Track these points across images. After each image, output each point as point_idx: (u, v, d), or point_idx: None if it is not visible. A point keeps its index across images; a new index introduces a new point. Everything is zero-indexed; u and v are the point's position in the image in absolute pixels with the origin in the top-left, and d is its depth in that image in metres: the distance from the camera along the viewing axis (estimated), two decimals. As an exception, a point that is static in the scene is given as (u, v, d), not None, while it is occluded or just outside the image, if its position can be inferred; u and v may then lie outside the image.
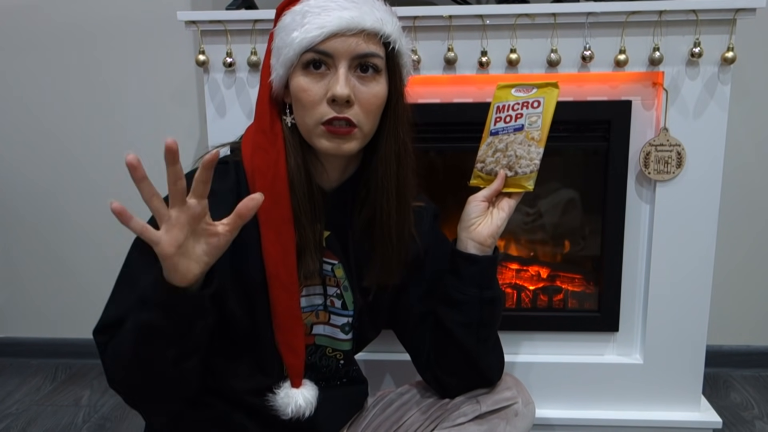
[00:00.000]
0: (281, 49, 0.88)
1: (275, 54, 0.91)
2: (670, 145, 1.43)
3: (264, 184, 0.88)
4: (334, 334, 1.02)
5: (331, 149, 0.89)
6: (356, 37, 0.86)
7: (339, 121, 0.87)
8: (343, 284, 1.00)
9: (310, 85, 0.87)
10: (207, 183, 0.72)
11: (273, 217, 0.89)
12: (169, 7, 1.83)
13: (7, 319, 2.16)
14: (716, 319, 1.80)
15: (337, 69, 0.86)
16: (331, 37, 0.85)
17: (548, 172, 1.65)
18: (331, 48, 0.85)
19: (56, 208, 2.05)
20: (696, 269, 1.50)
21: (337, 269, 0.99)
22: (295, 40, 0.86)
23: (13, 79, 1.97)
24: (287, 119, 0.92)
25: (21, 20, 1.92)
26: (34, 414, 1.81)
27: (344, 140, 0.89)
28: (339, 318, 1.01)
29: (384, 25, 0.88)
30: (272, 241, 0.89)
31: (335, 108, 0.87)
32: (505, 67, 1.41)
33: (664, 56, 1.38)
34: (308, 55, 0.86)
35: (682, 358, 1.54)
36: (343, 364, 1.05)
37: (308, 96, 0.87)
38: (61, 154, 2.01)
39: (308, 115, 0.88)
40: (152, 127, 1.96)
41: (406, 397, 1.11)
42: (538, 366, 1.57)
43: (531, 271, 1.70)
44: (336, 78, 0.86)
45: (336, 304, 1.00)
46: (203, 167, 0.71)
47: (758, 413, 1.76)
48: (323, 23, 0.84)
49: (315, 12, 0.86)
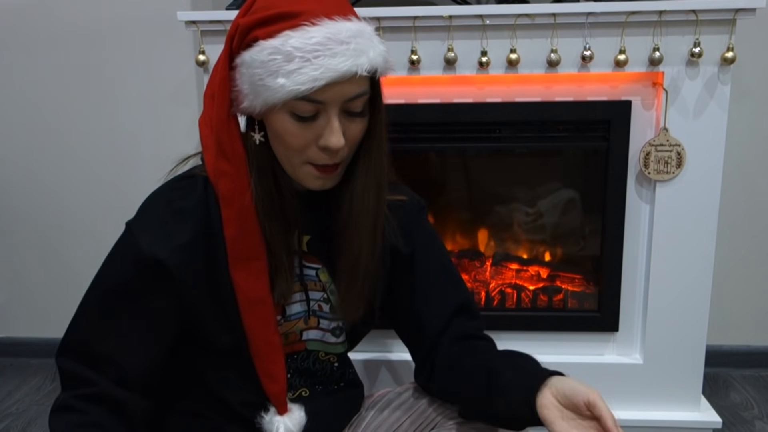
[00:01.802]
0: (259, 87, 0.79)
1: (248, 84, 0.81)
2: (670, 145, 1.43)
3: (230, 214, 0.84)
4: (325, 338, 1.00)
5: (318, 186, 0.87)
6: (348, 82, 0.79)
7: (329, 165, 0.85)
8: (329, 288, 0.96)
9: (298, 130, 0.81)
10: None
11: (242, 249, 0.85)
12: (169, 7, 1.83)
13: (7, 319, 2.16)
14: (716, 319, 1.80)
15: (329, 116, 0.80)
16: (323, 87, 0.78)
17: (548, 172, 1.65)
18: (324, 97, 0.79)
19: (56, 208, 2.05)
20: (696, 269, 1.50)
21: (322, 273, 0.96)
22: (282, 88, 0.77)
23: (14, 78, 1.97)
24: (256, 136, 0.85)
25: (21, 20, 1.92)
26: (34, 414, 1.81)
27: (332, 178, 0.87)
28: (328, 322, 0.99)
29: (374, 63, 0.80)
30: (240, 271, 0.86)
31: (326, 154, 0.83)
32: (505, 67, 1.41)
33: (664, 56, 1.38)
34: (298, 104, 0.79)
35: (682, 358, 1.54)
36: (338, 367, 1.04)
37: (296, 140, 0.82)
38: (61, 154, 2.01)
39: (294, 156, 0.84)
40: (152, 127, 1.96)
41: (405, 396, 1.11)
42: (538, 366, 1.58)
43: (531, 271, 1.70)
44: (330, 128, 0.81)
45: (324, 308, 0.98)
46: None
47: (758, 413, 1.76)
48: (315, 76, 0.76)
49: (303, 57, 0.76)
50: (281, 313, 0.95)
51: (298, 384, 1.00)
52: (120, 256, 0.88)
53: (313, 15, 0.78)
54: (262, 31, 0.79)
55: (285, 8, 0.79)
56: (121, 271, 0.87)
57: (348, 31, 0.79)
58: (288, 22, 0.78)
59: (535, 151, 1.59)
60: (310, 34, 0.77)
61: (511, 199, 1.67)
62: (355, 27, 0.80)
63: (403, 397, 1.10)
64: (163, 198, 0.88)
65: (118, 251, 0.89)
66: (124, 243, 0.88)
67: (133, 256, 0.85)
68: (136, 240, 0.85)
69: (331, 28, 0.78)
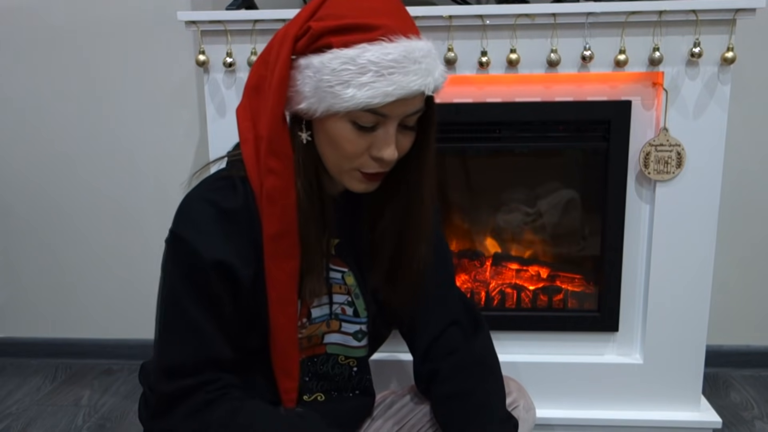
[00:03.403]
0: (325, 93, 0.80)
1: (312, 88, 0.81)
2: (670, 145, 1.43)
3: (274, 211, 0.85)
4: (347, 342, 1.00)
5: (361, 190, 0.89)
6: (413, 99, 0.82)
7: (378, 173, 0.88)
8: (354, 292, 0.97)
9: (356, 138, 0.83)
10: None
11: (281, 246, 0.86)
12: (169, 7, 1.83)
13: (7, 319, 2.16)
14: (716, 319, 1.80)
15: (387, 129, 0.83)
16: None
17: (548, 172, 1.65)
18: (389, 111, 0.81)
19: (56, 209, 2.05)
20: (696, 269, 1.50)
21: (348, 277, 0.97)
22: (352, 98, 0.79)
23: (14, 78, 1.97)
24: (303, 135, 0.86)
25: (21, 20, 1.92)
26: (34, 414, 1.81)
27: (376, 183, 0.89)
28: (351, 326, 0.99)
29: (437, 82, 0.84)
30: (277, 269, 0.87)
31: (377, 164, 0.86)
32: (505, 67, 1.41)
33: (664, 56, 1.38)
34: (363, 115, 0.81)
35: (682, 358, 1.54)
36: (357, 372, 1.03)
37: (352, 147, 0.84)
38: (61, 154, 2.01)
39: (345, 161, 0.86)
40: (152, 127, 1.96)
41: (408, 398, 1.11)
42: (538, 366, 1.57)
43: (531, 271, 1.70)
44: (387, 141, 0.83)
45: (347, 312, 0.98)
46: None
47: (758, 413, 1.76)
48: (388, 91, 0.78)
49: (378, 72, 0.78)
50: (307, 315, 0.95)
51: (315, 388, 1.00)
52: (181, 266, 0.86)
53: (391, 31, 0.80)
54: (337, 39, 0.80)
55: (363, 20, 0.80)
56: (189, 282, 0.85)
57: (420, 51, 0.81)
58: (366, 35, 0.79)
59: (535, 151, 1.59)
60: (387, 50, 0.79)
61: (511, 199, 1.67)
62: (426, 47, 0.82)
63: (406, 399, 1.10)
64: (206, 200, 0.86)
65: (177, 261, 0.86)
66: (181, 252, 0.86)
67: (194, 263, 0.84)
68: (192, 246, 0.84)
69: (406, 46, 0.80)
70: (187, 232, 0.85)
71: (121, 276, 2.07)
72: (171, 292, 0.87)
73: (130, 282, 2.07)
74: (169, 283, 0.88)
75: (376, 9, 0.81)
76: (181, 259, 0.85)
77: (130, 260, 2.05)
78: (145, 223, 2.00)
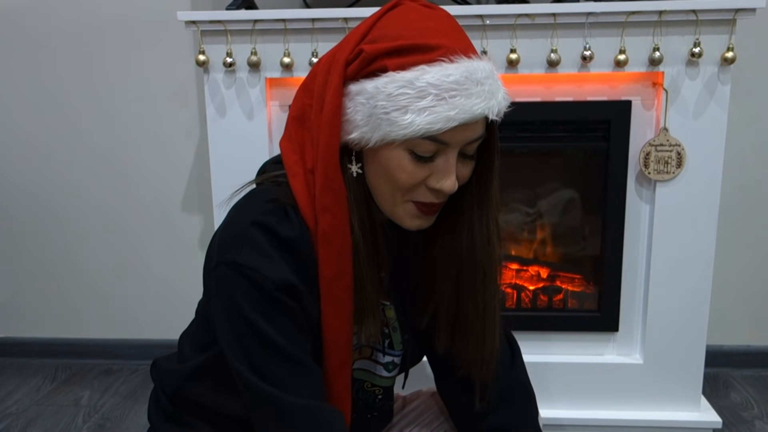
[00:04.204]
0: (381, 120, 0.74)
1: (365, 116, 0.75)
2: (670, 145, 1.43)
3: (331, 252, 0.78)
4: (376, 370, 0.96)
5: (415, 227, 0.82)
6: (475, 124, 0.76)
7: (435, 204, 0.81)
8: (392, 325, 0.93)
9: (413, 169, 0.76)
10: None
11: (336, 288, 0.80)
12: (169, 7, 1.83)
13: (7, 319, 2.16)
14: (716, 319, 1.80)
15: (447, 158, 0.76)
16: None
17: (548, 172, 1.65)
18: (450, 138, 0.75)
19: (57, 208, 2.05)
20: (696, 269, 1.50)
21: (388, 310, 0.92)
22: (411, 125, 0.72)
23: (14, 78, 1.97)
24: (353, 168, 0.80)
25: (21, 20, 1.92)
26: (34, 414, 1.81)
27: (430, 218, 0.82)
28: (384, 356, 0.95)
29: (500, 105, 0.77)
30: (334, 314, 0.80)
31: (434, 195, 0.79)
32: (505, 67, 1.41)
33: (664, 56, 1.38)
34: (421, 142, 0.74)
35: (682, 358, 1.54)
36: (381, 399, 0.99)
37: (409, 179, 0.77)
38: (61, 154, 2.01)
39: (399, 194, 0.79)
40: (152, 127, 1.96)
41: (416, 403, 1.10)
42: (539, 366, 1.57)
43: (531, 271, 1.70)
44: (447, 171, 0.77)
45: (383, 343, 0.94)
46: None
47: (758, 413, 1.76)
48: (450, 116, 0.72)
49: (438, 95, 0.72)
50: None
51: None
52: (251, 297, 0.76)
53: (451, 51, 0.74)
54: (392, 61, 0.74)
55: (420, 40, 0.74)
56: (264, 309, 0.77)
57: (483, 71, 0.75)
58: (424, 56, 0.73)
59: (535, 151, 1.59)
60: (448, 71, 0.73)
61: (511, 199, 1.67)
62: (488, 67, 0.77)
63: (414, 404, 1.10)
64: (262, 227, 0.77)
65: (245, 293, 0.76)
66: (245, 280, 0.76)
67: (267, 289, 0.76)
68: (261, 273, 0.75)
69: (468, 66, 0.74)
70: (251, 260, 0.76)
71: (121, 276, 2.07)
72: (249, 322, 0.77)
73: (131, 282, 2.07)
74: (241, 314, 0.77)
75: (433, 29, 0.76)
76: (248, 287, 0.76)
77: (130, 260, 2.05)
78: (146, 223, 2.00)
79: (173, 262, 2.02)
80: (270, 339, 0.76)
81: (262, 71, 1.45)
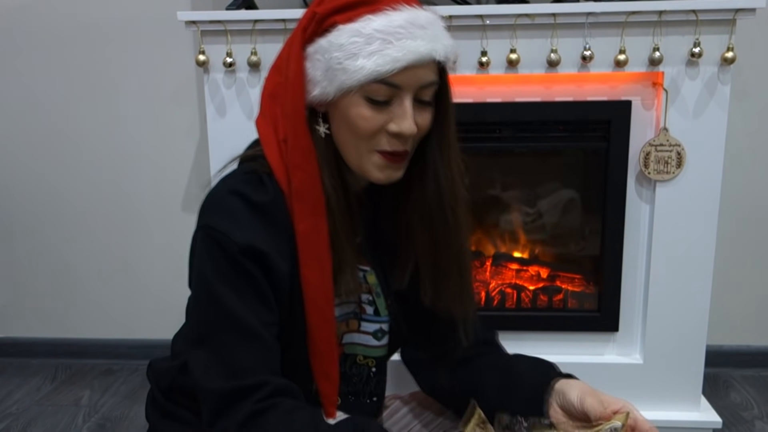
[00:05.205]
0: (336, 71, 0.80)
1: (323, 70, 0.82)
2: (670, 145, 1.43)
3: (305, 208, 0.83)
4: (366, 342, 0.97)
5: (383, 179, 0.86)
6: (424, 68, 0.81)
7: (396, 149, 0.84)
8: (375, 291, 0.95)
9: (371, 114, 0.82)
10: None
11: (312, 243, 0.84)
12: (169, 7, 1.82)
13: (7, 319, 2.16)
14: (716, 319, 1.80)
15: (403, 102, 0.82)
16: (402, 69, 0.79)
17: (548, 172, 1.65)
18: (401, 80, 0.80)
19: (57, 208, 2.05)
20: (696, 269, 1.50)
21: (369, 276, 0.95)
22: (362, 69, 0.79)
23: (14, 78, 1.97)
24: (321, 129, 0.85)
25: (21, 20, 1.92)
26: (34, 414, 1.81)
27: (397, 168, 0.86)
28: (370, 325, 0.97)
29: (448, 52, 0.84)
30: (312, 268, 0.84)
31: (396, 141, 0.83)
32: (505, 67, 1.41)
33: (664, 56, 1.38)
34: (375, 87, 0.80)
35: (682, 358, 1.54)
36: (375, 372, 1.00)
37: (368, 125, 0.82)
38: (61, 154, 2.01)
39: (363, 143, 0.84)
40: (152, 127, 1.96)
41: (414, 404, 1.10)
42: (538, 366, 1.58)
43: (531, 271, 1.70)
44: (403, 114, 0.82)
45: (367, 311, 0.96)
46: None
47: (758, 413, 1.76)
48: (397, 57, 0.78)
49: (384, 39, 0.78)
50: None
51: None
52: (218, 259, 0.81)
53: (394, 1, 0.81)
54: (342, 16, 0.81)
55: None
56: (226, 272, 0.81)
57: (425, 18, 0.82)
58: (370, 7, 0.81)
59: (535, 151, 1.59)
60: (392, 18, 0.80)
61: (511, 199, 1.67)
62: (430, 15, 0.83)
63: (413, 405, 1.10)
64: (236, 193, 0.83)
65: (214, 254, 0.81)
66: (217, 243, 0.81)
67: (233, 252, 0.80)
68: (227, 237, 0.80)
69: (410, 13, 0.81)
70: (220, 222, 0.81)
71: (121, 276, 2.07)
72: (205, 287, 0.83)
73: (131, 282, 2.07)
74: (202, 278, 0.83)
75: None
76: (214, 250, 0.81)
77: (130, 260, 2.05)
78: (146, 223, 2.00)
79: (173, 262, 2.01)
80: (226, 305, 0.80)
81: (262, 71, 1.45)
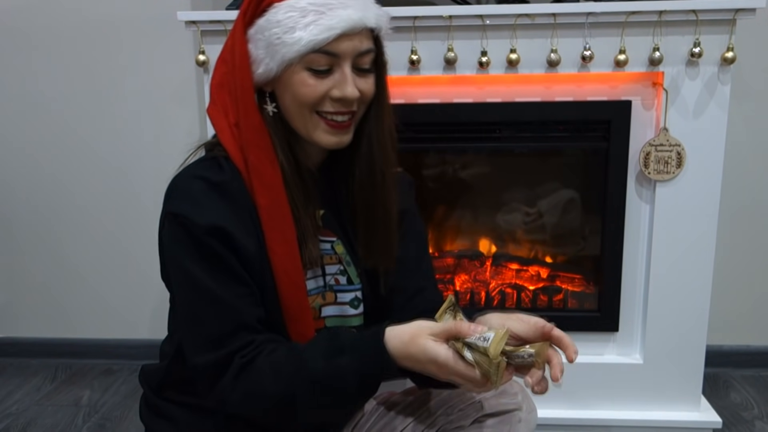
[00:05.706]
0: (276, 46, 0.86)
1: (264, 48, 0.88)
2: (670, 145, 1.43)
3: (263, 182, 0.89)
4: (344, 312, 1.01)
5: (333, 143, 0.92)
6: (359, 36, 0.87)
7: (342, 116, 0.90)
8: (345, 260, 1.00)
9: (314, 82, 0.88)
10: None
11: (274, 216, 0.89)
12: (169, 7, 1.82)
13: (7, 319, 2.16)
14: (716, 319, 1.80)
15: (343, 69, 0.88)
16: (337, 37, 0.85)
17: (548, 172, 1.65)
18: (338, 49, 0.86)
19: (57, 208, 2.05)
20: (696, 269, 1.50)
21: (337, 246, 0.99)
22: (300, 41, 0.84)
23: (15, 78, 1.97)
24: (269, 108, 0.91)
25: (22, 20, 1.92)
26: (34, 414, 1.81)
27: (345, 133, 0.92)
28: (346, 294, 1.00)
29: (380, 20, 0.90)
30: (277, 241, 0.90)
31: (340, 104, 0.89)
32: (505, 67, 1.41)
33: (664, 56, 1.38)
34: (314, 57, 0.86)
35: (682, 358, 1.54)
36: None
37: (312, 93, 0.88)
38: (61, 155, 2.01)
39: (308, 111, 0.90)
40: (152, 127, 1.96)
41: (410, 399, 1.11)
42: (538, 366, 1.58)
43: (531, 271, 1.70)
44: (344, 79, 0.88)
45: (341, 281, 1.00)
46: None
47: (758, 413, 1.76)
48: (331, 24, 0.84)
49: (318, 11, 0.84)
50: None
51: None
52: (183, 241, 0.86)
53: None
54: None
55: None
56: (195, 254, 0.86)
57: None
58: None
59: (535, 151, 1.59)
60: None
61: (511, 199, 1.67)
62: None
63: (409, 399, 1.10)
64: (194, 177, 0.89)
65: (178, 238, 0.87)
66: (180, 227, 0.86)
67: (195, 233, 0.85)
68: (190, 219, 0.85)
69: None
70: (182, 207, 0.86)
71: (121, 276, 2.07)
72: (180, 271, 0.87)
73: (131, 282, 2.07)
74: (175, 263, 0.88)
75: None
76: (181, 234, 0.86)
77: (130, 260, 2.05)
78: (145, 223, 2.00)
79: (173, 262, 2.01)
80: (202, 284, 0.85)
81: (262, 71, 1.45)
